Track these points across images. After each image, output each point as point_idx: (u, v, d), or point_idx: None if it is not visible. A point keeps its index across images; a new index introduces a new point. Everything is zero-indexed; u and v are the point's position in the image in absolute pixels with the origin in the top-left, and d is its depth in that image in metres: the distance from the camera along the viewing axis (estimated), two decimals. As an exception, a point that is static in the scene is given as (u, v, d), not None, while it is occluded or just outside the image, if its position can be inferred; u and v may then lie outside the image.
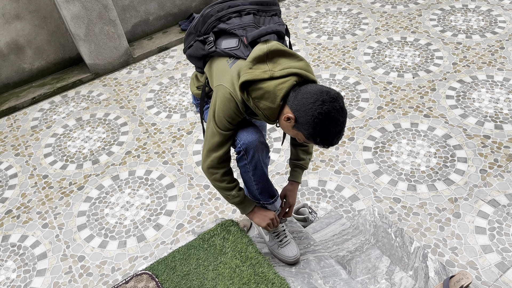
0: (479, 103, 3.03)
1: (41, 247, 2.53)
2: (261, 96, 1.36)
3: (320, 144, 1.35)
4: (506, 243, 2.20)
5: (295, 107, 1.33)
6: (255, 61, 1.36)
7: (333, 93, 1.30)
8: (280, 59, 1.38)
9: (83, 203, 2.75)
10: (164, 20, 4.35)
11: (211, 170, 1.58)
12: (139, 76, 3.85)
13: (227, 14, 1.49)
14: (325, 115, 1.28)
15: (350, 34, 3.96)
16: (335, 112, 1.29)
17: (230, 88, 1.41)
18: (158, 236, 2.50)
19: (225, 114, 1.45)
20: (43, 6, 3.64)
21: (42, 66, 3.90)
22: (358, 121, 3.04)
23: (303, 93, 1.32)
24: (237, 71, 1.41)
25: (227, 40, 1.48)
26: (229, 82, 1.42)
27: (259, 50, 1.37)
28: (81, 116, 3.48)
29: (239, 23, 1.48)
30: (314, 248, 1.89)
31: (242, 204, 1.68)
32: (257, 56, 1.36)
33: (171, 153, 3.02)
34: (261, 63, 1.36)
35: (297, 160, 1.80)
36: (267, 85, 1.34)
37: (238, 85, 1.37)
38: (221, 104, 1.43)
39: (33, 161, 3.12)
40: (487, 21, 3.85)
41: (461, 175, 2.57)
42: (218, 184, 1.61)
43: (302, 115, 1.31)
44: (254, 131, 1.53)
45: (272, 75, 1.34)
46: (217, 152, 1.54)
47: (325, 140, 1.33)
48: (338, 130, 1.32)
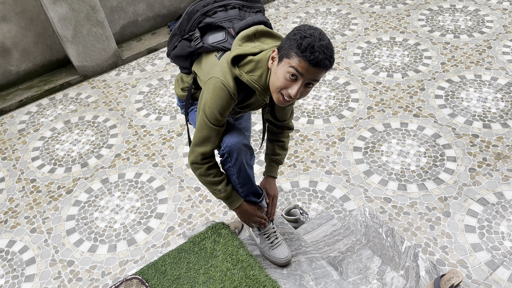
0: (467, 103, 3.06)
1: (29, 252, 2.49)
2: (253, 68, 1.38)
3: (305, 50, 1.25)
4: (495, 241, 2.22)
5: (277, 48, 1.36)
6: (244, 39, 1.39)
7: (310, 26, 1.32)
8: (267, 39, 1.42)
9: (72, 207, 2.72)
10: (153, 21, 4.32)
11: (195, 165, 1.56)
12: (128, 78, 3.82)
13: (212, 9, 1.50)
14: (301, 27, 1.30)
15: (339, 35, 3.97)
16: (311, 27, 1.30)
17: (221, 77, 1.40)
18: (148, 239, 2.47)
19: (216, 105, 1.43)
20: (30, 8, 3.59)
21: (29, 68, 3.85)
22: (348, 121, 3.04)
23: None
24: (226, 59, 1.42)
25: (214, 35, 1.49)
26: (220, 72, 1.41)
27: (247, 30, 1.41)
28: (70, 119, 3.44)
29: (225, 16, 1.50)
30: (305, 250, 1.89)
31: (229, 199, 1.65)
32: (245, 35, 1.39)
33: (161, 155, 3.00)
34: (249, 42, 1.39)
35: (273, 155, 1.82)
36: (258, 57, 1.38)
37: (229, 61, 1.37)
38: (213, 94, 1.42)
39: (20, 165, 3.08)
40: (474, 21, 3.88)
41: (450, 174, 2.59)
42: (204, 179, 1.59)
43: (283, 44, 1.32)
44: (237, 134, 1.54)
45: (261, 49, 1.39)
46: (202, 147, 1.52)
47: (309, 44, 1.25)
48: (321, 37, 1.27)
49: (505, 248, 2.18)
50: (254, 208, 1.72)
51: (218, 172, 1.60)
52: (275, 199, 1.85)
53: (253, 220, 1.74)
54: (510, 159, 2.63)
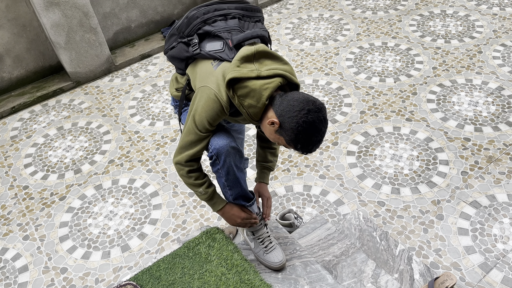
0: (459, 107, 3.09)
1: (22, 260, 2.47)
2: (246, 94, 1.38)
3: (299, 150, 1.39)
4: (488, 243, 2.24)
5: (280, 112, 1.35)
6: (243, 60, 1.38)
7: (319, 103, 1.34)
8: (266, 60, 1.41)
9: (65, 214, 2.70)
10: (146, 27, 4.33)
11: (178, 165, 1.59)
12: (121, 84, 3.82)
13: (213, 17, 1.51)
14: (309, 124, 1.32)
15: (332, 40, 4.00)
16: (319, 122, 1.33)
17: (215, 89, 1.41)
18: (142, 245, 2.46)
19: (207, 115, 1.45)
20: (22, 14, 3.58)
21: (22, 75, 3.84)
22: (342, 125, 3.06)
23: (289, 100, 1.35)
24: (222, 72, 1.43)
25: (212, 43, 1.50)
26: (214, 83, 1.42)
27: (247, 50, 1.39)
28: (63, 125, 3.43)
29: (225, 26, 1.50)
30: (300, 254, 1.89)
31: (211, 201, 1.68)
32: (245, 55, 1.38)
33: (155, 161, 2.99)
34: (248, 63, 1.39)
35: (264, 162, 1.84)
36: (253, 84, 1.36)
37: (225, 82, 1.38)
38: (205, 104, 1.43)
39: (13, 171, 3.06)
40: (465, 26, 3.93)
41: (443, 177, 2.61)
42: (186, 180, 1.62)
43: (286, 121, 1.34)
44: (225, 136, 1.55)
45: (259, 74, 1.37)
46: (188, 150, 1.54)
47: (306, 148, 1.37)
48: (319, 139, 1.37)
49: (498, 250, 2.20)
50: (239, 211, 1.70)
51: (200, 176, 1.62)
52: (269, 200, 1.87)
53: (238, 224, 1.73)
54: (502, 162, 2.66)
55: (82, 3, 3.53)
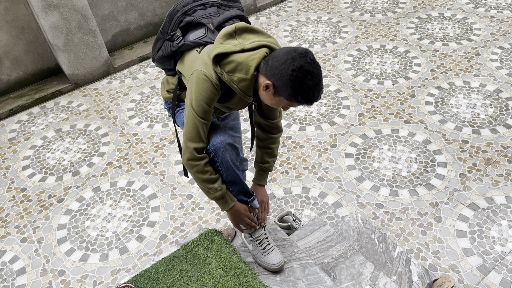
0: (457, 109, 3.10)
1: (19, 262, 2.46)
2: (234, 69, 1.39)
3: (303, 102, 1.36)
4: (486, 246, 2.24)
5: (269, 73, 1.35)
6: (225, 37, 1.40)
7: (301, 49, 1.33)
8: (248, 34, 1.42)
9: (63, 216, 2.69)
10: (144, 29, 4.33)
11: (191, 162, 1.53)
12: (120, 86, 3.82)
13: (192, 8, 1.55)
14: (299, 70, 1.30)
15: (330, 43, 4.01)
16: (308, 65, 1.31)
17: (203, 69, 1.43)
18: (141, 247, 2.46)
19: (202, 97, 1.45)
20: (21, 17, 3.58)
21: (20, 77, 3.83)
22: (340, 128, 3.06)
23: (272, 59, 1.35)
24: (207, 53, 1.45)
25: (195, 32, 1.53)
26: (201, 64, 1.44)
27: (228, 28, 1.42)
28: (61, 127, 3.42)
29: (204, 13, 1.54)
30: (298, 256, 1.89)
31: (223, 199, 1.62)
32: (226, 32, 1.40)
33: (153, 163, 2.99)
34: (231, 39, 1.40)
35: (262, 163, 1.84)
36: (239, 57, 1.37)
37: (211, 60, 1.39)
38: (197, 87, 1.44)
39: (10, 174, 3.05)
40: (462, 28, 3.95)
41: (441, 179, 2.61)
42: (201, 176, 1.55)
43: (278, 78, 1.34)
44: (221, 133, 1.57)
45: (243, 48, 1.38)
46: (194, 143, 1.51)
47: (307, 96, 1.34)
48: (316, 82, 1.33)
49: (496, 252, 2.20)
50: (246, 209, 1.70)
51: (213, 171, 1.57)
52: (264, 204, 1.85)
53: (244, 222, 1.72)
54: (500, 164, 2.66)
55: (81, 5, 3.53)
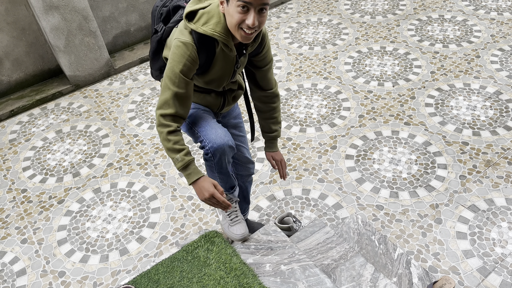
0: (457, 111, 3.10)
1: (20, 263, 2.46)
2: (207, 19, 1.44)
3: None
4: (486, 247, 2.24)
5: None
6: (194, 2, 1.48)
7: None
8: None
9: (63, 217, 2.70)
10: (145, 31, 4.34)
11: (158, 128, 1.52)
12: (120, 87, 3.82)
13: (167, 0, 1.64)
14: None
15: (330, 44, 4.01)
16: None
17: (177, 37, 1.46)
18: (141, 249, 2.46)
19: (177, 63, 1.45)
20: (22, 18, 3.59)
21: (21, 78, 3.84)
22: (340, 129, 3.07)
23: None
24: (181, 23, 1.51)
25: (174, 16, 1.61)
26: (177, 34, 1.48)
27: None
28: (61, 129, 3.43)
29: None
30: (298, 258, 1.89)
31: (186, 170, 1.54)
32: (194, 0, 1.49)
33: (154, 164, 2.99)
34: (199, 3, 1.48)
35: (270, 132, 1.91)
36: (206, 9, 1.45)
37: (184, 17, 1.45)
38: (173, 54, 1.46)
39: (11, 175, 3.05)
40: (463, 30, 3.95)
41: (441, 181, 2.62)
42: (165, 144, 1.52)
43: None
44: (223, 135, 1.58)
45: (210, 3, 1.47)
46: (163, 109, 1.49)
47: None
48: None
49: (496, 254, 2.20)
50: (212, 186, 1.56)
51: (180, 141, 1.52)
52: (282, 162, 1.97)
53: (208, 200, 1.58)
54: (500, 166, 2.66)
55: (82, 7, 3.54)
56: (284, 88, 3.52)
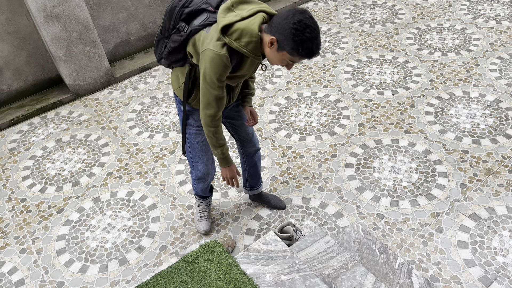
0: (456, 119, 3.10)
1: (18, 274, 2.44)
2: (240, 35, 1.59)
3: (303, 54, 1.54)
4: (488, 256, 2.22)
5: (273, 30, 1.56)
6: (225, 11, 1.60)
7: (300, 8, 1.54)
8: (243, 5, 1.64)
9: (62, 227, 2.68)
10: (145, 40, 4.36)
11: (206, 127, 1.83)
12: (120, 96, 3.83)
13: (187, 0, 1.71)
14: (299, 24, 1.49)
15: (330, 53, 4.03)
16: (307, 20, 1.50)
17: (213, 48, 1.61)
18: (140, 258, 2.44)
19: (214, 72, 1.65)
20: (23, 27, 3.61)
21: (21, 87, 3.85)
22: (340, 138, 3.07)
23: (276, 18, 1.55)
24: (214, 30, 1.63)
25: (197, 18, 1.71)
26: (211, 43, 1.62)
27: (225, 4, 1.62)
28: (61, 138, 3.43)
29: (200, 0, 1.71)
30: (299, 267, 1.88)
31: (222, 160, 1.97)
32: (225, 8, 1.61)
33: (154, 173, 2.98)
34: (230, 12, 1.61)
35: (247, 89, 2.10)
36: (241, 24, 1.59)
37: (219, 33, 1.59)
38: (209, 64, 1.64)
39: (10, 184, 3.05)
40: (461, 39, 3.97)
41: (442, 189, 2.61)
42: (209, 140, 1.88)
43: (281, 33, 1.53)
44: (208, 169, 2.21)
45: (242, 16, 1.60)
46: (208, 110, 1.77)
47: (306, 48, 1.52)
48: (314, 35, 1.52)
49: (498, 263, 2.19)
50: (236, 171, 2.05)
51: (221, 139, 1.89)
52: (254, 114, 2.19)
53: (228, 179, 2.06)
54: (500, 174, 2.66)
55: (82, 17, 3.56)
56: (284, 97, 3.53)
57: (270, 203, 2.61)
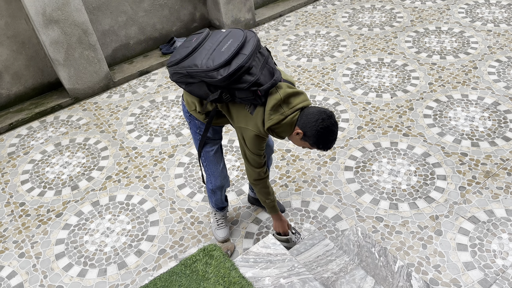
0: (455, 122, 3.11)
1: (17, 278, 2.44)
2: (282, 130, 1.84)
3: (322, 149, 1.84)
4: (487, 259, 2.22)
5: (302, 125, 1.80)
6: (273, 109, 1.78)
7: (329, 112, 1.79)
8: (289, 99, 1.81)
9: (61, 231, 2.68)
10: (144, 44, 4.37)
11: (256, 181, 2.04)
12: (119, 100, 3.83)
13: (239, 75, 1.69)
14: (325, 129, 1.77)
15: (329, 56, 4.04)
16: (332, 126, 1.78)
17: (256, 131, 1.84)
18: (139, 262, 2.44)
19: (258, 147, 1.92)
20: (22, 32, 3.62)
21: (20, 92, 3.85)
22: (339, 141, 3.07)
23: (307, 115, 1.79)
24: (259, 118, 1.81)
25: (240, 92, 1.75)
26: (255, 126, 1.84)
27: (274, 99, 1.77)
28: (60, 141, 3.43)
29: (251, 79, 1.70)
30: (298, 271, 1.87)
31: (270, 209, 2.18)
32: (274, 104, 1.77)
33: (153, 177, 2.98)
34: (277, 109, 1.79)
35: None
36: (284, 122, 1.80)
37: (264, 129, 1.81)
38: (252, 141, 1.88)
39: (9, 188, 3.04)
40: (460, 42, 3.98)
41: (441, 192, 2.61)
42: (264, 190, 2.08)
43: (308, 130, 1.79)
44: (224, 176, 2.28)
45: (286, 115, 1.80)
46: (258, 168, 1.99)
47: (326, 146, 1.83)
48: (334, 138, 1.83)
49: (497, 266, 2.19)
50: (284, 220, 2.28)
51: (271, 190, 2.12)
52: None
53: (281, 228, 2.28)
54: (499, 177, 2.66)
55: (82, 21, 3.56)
56: (283, 100, 3.53)
57: None
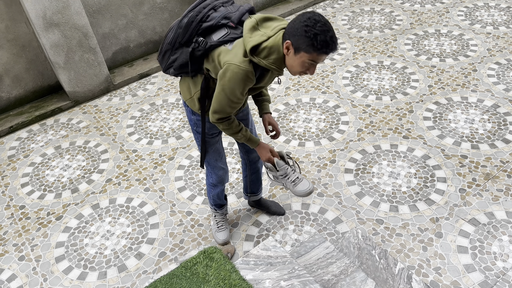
0: (455, 124, 3.11)
1: (17, 281, 2.43)
2: (268, 53, 1.63)
3: (320, 47, 1.53)
4: (488, 261, 2.22)
5: (287, 35, 1.59)
6: (251, 30, 1.64)
7: (310, 10, 1.56)
8: (268, 22, 1.68)
9: (61, 234, 2.68)
10: (144, 47, 4.38)
11: (217, 123, 1.83)
12: (119, 103, 3.83)
13: (205, 14, 1.72)
14: (309, 20, 1.53)
15: (328, 59, 4.04)
16: (317, 16, 1.54)
17: (237, 63, 1.63)
18: (139, 265, 2.44)
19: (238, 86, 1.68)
20: (22, 35, 3.62)
21: (20, 95, 3.85)
22: (339, 143, 3.07)
23: (287, 26, 1.61)
24: (239, 46, 1.66)
25: (216, 33, 1.72)
26: (235, 58, 1.64)
27: (249, 22, 1.65)
28: (60, 144, 3.43)
29: (218, 15, 1.72)
30: (298, 273, 1.87)
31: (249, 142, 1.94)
32: (250, 26, 1.65)
33: (153, 179, 2.98)
34: (255, 31, 1.65)
35: (261, 96, 2.10)
36: (268, 43, 1.63)
37: (248, 53, 1.62)
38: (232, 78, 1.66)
39: (9, 191, 3.04)
40: (459, 45, 3.99)
41: (441, 194, 2.61)
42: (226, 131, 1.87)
43: (293, 35, 1.56)
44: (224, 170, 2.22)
45: (268, 36, 1.64)
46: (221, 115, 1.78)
47: (322, 41, 1.53)
48: (326, 29, 1.53)
49: (497, 268, 2.18)
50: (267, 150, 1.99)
51: (236, 125, 1.86)
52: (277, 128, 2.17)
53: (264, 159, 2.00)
54: (499, 179, 2.66)
55: (82, 24, 3.57)
56: (283, 103, 3.54)
57: (269, 209, 2.60)
